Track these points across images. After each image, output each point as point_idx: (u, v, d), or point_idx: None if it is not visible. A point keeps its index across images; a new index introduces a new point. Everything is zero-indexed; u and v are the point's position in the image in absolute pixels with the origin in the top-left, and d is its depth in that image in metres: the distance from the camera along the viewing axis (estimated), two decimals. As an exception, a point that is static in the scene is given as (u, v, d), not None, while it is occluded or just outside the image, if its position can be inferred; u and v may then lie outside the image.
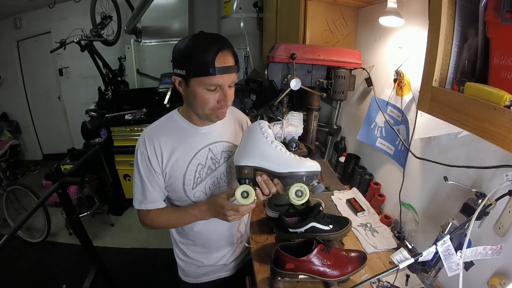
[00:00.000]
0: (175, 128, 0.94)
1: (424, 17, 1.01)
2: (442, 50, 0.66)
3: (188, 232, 1.04)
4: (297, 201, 0.80)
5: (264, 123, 0.87)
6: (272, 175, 0.83)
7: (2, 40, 3.97)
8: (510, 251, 0.74)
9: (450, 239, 0.68)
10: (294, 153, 0.85)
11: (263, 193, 0.83)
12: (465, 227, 0.70)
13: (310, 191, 0.82)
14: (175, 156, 0.92)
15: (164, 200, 0.98)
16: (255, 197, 0.82)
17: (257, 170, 0.83)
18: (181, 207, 0.98)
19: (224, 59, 0.80)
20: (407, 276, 0.96)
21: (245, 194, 0.81)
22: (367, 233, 1.19)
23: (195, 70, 0.79)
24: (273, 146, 0.83)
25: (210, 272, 1.13)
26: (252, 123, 0.91)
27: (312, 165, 0.82)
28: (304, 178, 0.80)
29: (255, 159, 0.82)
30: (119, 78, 3.38)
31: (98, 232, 2.80)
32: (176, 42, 0.86)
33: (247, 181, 0.83)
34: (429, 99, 0.70)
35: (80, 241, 1.74)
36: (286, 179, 0.81)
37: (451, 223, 0.73)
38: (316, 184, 0.82)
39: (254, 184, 0.83)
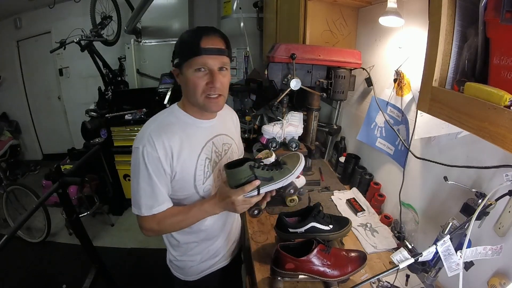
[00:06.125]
0: (178, 123, 0.93)
1: (424, 17, 1.01)
2: (442, 50, 0.66)
3: (191, 235, 1.03)
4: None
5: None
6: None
7: (2, 40, 3.96)
8: (510, 251, 0.74)
9: (450, 239, 0.68)
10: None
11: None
12: (465, 227, 0.70)
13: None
14: (185, 153, 0.90)
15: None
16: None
17: None
18: (189, 205, 0.95)
19: (211, 41, 0.84)
20: (407, 276, 0.96)
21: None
22: (367, 233, 1.19)
23: (184, 53, 0.85)
24: None
25: (210, 266, 1.11)
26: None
27: None
28: None
29: None
30: (119, 78, 3.38)
31: (98, 232, 2.80)
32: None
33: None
34: (429, 99, 0.70)
35: (80, 241, 1.74)
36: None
37: (451, 223, 0.73)
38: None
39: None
